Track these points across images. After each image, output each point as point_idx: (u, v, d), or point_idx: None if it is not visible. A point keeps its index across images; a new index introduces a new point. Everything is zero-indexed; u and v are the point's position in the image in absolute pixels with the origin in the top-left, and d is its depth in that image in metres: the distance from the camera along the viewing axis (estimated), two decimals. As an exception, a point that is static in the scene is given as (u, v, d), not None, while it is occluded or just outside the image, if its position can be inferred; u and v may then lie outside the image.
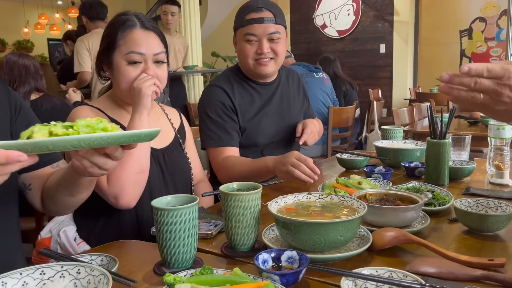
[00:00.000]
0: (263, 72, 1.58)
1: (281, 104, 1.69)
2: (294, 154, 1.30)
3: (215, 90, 1.59)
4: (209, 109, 1.56)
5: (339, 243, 0.81)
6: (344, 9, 6.91)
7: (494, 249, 0.88)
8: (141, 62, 1.19)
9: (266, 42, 1.52)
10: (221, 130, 1.53)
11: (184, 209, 0.79)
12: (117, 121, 1.21)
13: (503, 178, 1.34)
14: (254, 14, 1.51)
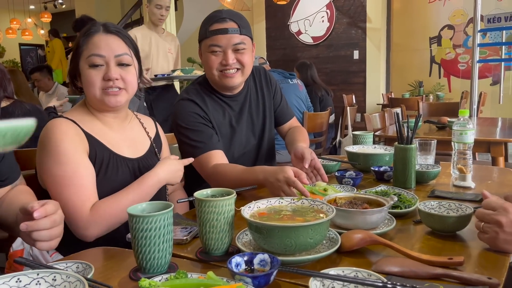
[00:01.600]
0: (229, 84, 1.56)
1: (251, 113, 1.68)
2: (284, 175, 1.21)
3: (187, 104, 1.56)
4: (184, 122, 1.53)
5: (309, 246, 0.85)
6: (319, 16, 7.04)
7: (454, 248, 0.93)
8: (103, 64, 1.19)
9: (231, 53, 1.50)
10: (203, 137, 1.51)
11: (159, 216, 0.81)
12: (90, 135, 1.20)
13: (466, 181, 1.41)
14: (218, 25, 1.49)
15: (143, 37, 3.46)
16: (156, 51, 3.57)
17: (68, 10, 10.17)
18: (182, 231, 1.05)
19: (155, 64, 3.55)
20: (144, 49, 3.43)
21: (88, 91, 1.20)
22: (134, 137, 1.32)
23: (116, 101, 1.20)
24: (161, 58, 3.61)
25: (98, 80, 1.18)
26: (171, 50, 3.73)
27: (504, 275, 0.80)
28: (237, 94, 1.64)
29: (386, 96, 6.20)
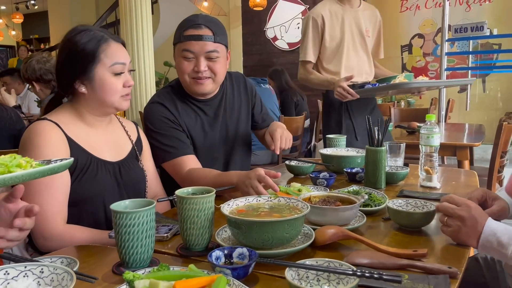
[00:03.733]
0: (200, 91, 1.56)
1: (226, 119, 1.68)
2: (254, 174, 1.24)
3: (157, 107, 1.56)
4: (155, 126, 1.54)
5: (285, 240, 0.90)
6: (294, 22, 7.16)
7: (419, 242, 1.00)
8: (123, 72, 1.26)
9: (203, 60, 1.50)
10: (174, 141, 1.52)
11: (141, 212, 0.85)
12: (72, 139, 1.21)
13: (432, 181, 1.49)
14: (192, 30, 1.48)
15: (332, 16, 2.33)
16: (351, 38, 2.35)
17: (40, 11, 9.97)
18: (163, 229, 1.08)
19: (347, 59, 2.34)
20: (335, 36, 2.33)
21: (107, 97, 1.25)
22: (116, 140, 1.35)
23: (127, 105, 1.30)
24: (356, 48, 2.38)
25: (120, 87, 1.26)
26: (369, 31, 2.42)
27: (463, 265, 0.87)
28: (211, 99, 1.64)
29: (360, 102, 6.34)
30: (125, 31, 4.57)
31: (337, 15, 2.33)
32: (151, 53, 4.65)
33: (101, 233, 1.16)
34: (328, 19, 2.32)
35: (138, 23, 4.53)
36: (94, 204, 1.23)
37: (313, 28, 2.33)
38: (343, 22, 2.32)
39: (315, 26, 2.33)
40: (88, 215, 1.23)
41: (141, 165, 1.40)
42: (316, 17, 2.32)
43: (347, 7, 2.35)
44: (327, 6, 2.35)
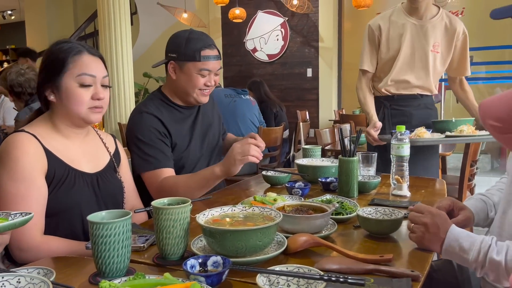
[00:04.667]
0: (203, 101, 1.73)
1: (203, 123, 1.82)
2: (235, 145, 1.46)
3: (147, 117, 1.64)
4: (141, 135, 1.60)
5: (258, 248, 0.93)
6: (273, 34, 7.27)
7: (386, 248, 1.05)
8: (92, 84, 1.26)
9: (213, 76, 1.70)
10: (157, 153, 1.59)
11: (118, 223, 0.87)
12: (50, 151, 1.23)
13: (402, 190, 1.56)
14: (209, 51, 1.65)
15: (392, 27, 2.22)
16: (410, 52, 2.22)
17: (17, 22, 9.84)
18: (140, 239, 1.10)
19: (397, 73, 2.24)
20: (391, 49, 2.23)
21: (73, 108, 1.24)
22: (94, 152, 1.36)
23: (98, 118, 1.29)
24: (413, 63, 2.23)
25: (87, 99, 1.25)
26: (438, 46, 2.21)
27: (426, 269, 0.92)
28: (192, 107, 1.78)
29: (338, 113, 6.47)
30: (104, 42, 4.58)
31: (398, 27, 2.22)
32: (130, 64, 4.67)
33: (78, 244, 1.17)
34: (385, 31, 2.23)
35: (117, 34, 4.54)
36: (71, 215, 1.24)
37: (369, 37, 2.30)
38: (403, 35, 2.20)
39: (371, 35, 2.28)
40: (65, 226, 1.24)
41: (119, 177, 1.42)
42: (373, 26, 2.27)
43: (414, 19, 2.21)
44: (391, 16, 2.25)
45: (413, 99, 2.29)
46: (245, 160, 1.43)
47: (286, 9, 6.83)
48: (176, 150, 1.69)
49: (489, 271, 0.91)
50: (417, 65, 2.25)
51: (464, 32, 2.25)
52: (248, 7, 7.04)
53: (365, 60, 2.30)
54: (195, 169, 1.72)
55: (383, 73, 2.31)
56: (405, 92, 2.28)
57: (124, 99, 4.54)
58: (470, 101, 2.33)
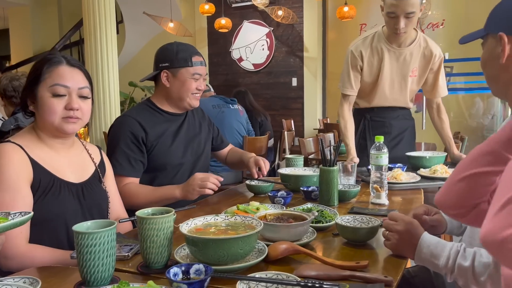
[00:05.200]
0: (195, 105, 1.84)
1: (188, 132, 1.89)
2: (195, 176, 1.60)
3: (129, 121, 1.74)
4: (118, 138, 1.71)
5: (240, 256, 0.97)
6: (259, 44, 7.35)
7: (363, 255, 1.09)
8: (66, 95, 1.27)
9: (203, 81, 1.83)
10: (124, 160, 1.69)
11: (103, 232, 0.90)
12: (36, 161, 1.25)
13: (381, 198, 1.61)
14: (197, 57, 1.80)
15: (372, 53, 2.30)
16: (389, 77, 2.31)
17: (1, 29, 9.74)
18: (125, 248, 1.12)
19: (379, 97, 2.35)
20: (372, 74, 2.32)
21: (47, 117, 1.26)
22: (79, 162, 1.38)
23: (73, 128, 1.29)
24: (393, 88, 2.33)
25: (60, 109, 1.26)
26: (416, 70, 2.32)
27: (399, 274, 0.97)
28: (180, 114, 1.88)
29: (322, 121, 6.55)
30: (89, 51, 4.58)
31: (378, 53, 2.27)
32: (115, 72, 4.67)
33: (63, 253, 1.19)
34: (366, 57, 2.28)
35: (103, 42, 4.55)
36: (56, 225, 1.26)
37: (351, 63, 2.32)
38: (383, 61, 2.26)
39: (353, 61, 2.32)
40: (50, 235, 1.25)
41: (104, 187, 1.44)
42: (355, 52, 2.30)
43: (393, 46, 2.25)
44: (372, 42, 2.29)
45: (392, 110, 2.37)
46: (202, 192, 1.58)
47: (272, 20, 6.92)
48: (157, 151, 1.76)
49: (458, 276, 0.96)
50: (396, 90, 2.33)
51: (440, 56, 2.31)
52: (233, 17, 7.12)
53: (348, 86, 2.34)
54: (177, 174, 1.80)
55: (364, 94, 2.38)
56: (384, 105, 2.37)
57: (110, 108, 4.54)
58: (445, 131, 2.39)
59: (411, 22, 2.09)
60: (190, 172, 1.83)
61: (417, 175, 1.96)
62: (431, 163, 2.06)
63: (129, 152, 1.70)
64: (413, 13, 2.05)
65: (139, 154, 1.72)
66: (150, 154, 1.75)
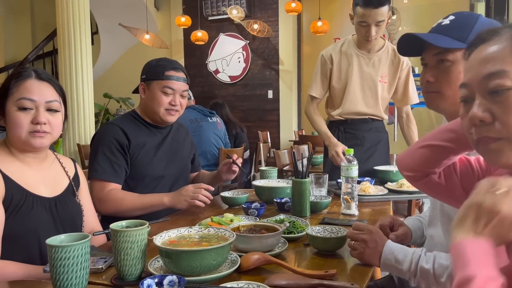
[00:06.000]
0: (169, 121, 1.84)
1: (171, 146, 1.90)
2: (188, 188, 1.64)
3: (113, 128, 1.77)
4: (102, 143, 1.72)
5: (212, 267, 0.99)
6: (235, 56, 7.42)
7: (332, 264, 1.14)
8: (32, 108, 1.26)
9: (178, 97, 1.81)
10: (108, 165, 1.70)
11: (76, 245, 0.91)
12: (7, 176, 1.24)
13: (351, 209, 1.66)
14: (173, 72, 1.79)
15: (342, 57, 2.41)
16: (359, 82, 2.40)
17: (-29, 38, 9.50)
18: (98, 261, 1.13)
19: (350, 102, 2.41)
20: (342, 78, 2.41)
21: (14, 132, 1.26)
22: (52, 176, 1.38)
23: (41, 143, 1.27)
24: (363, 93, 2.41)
25: (26, 123, 1.25)
26: (385, 76, 2.41)
27: (366, 282, 1.01)
28: (164, 127, 1.90)
29: (298, 133, 6.64)
30: (63, 61, 4.52)
31: (348, 58, 2.38)
32: (90, 84, 4.63)
33: (36, 268, 1.18)
34: (336, 61, 2.39)
35: (77, 53, 4.50)
36: (28, 240, 1.25)
37: (321, 66, 2.44)
38: (352, 66, 2.36)
39: (324, 65, 2.43)
40: (22, 250, 1.24)
41: (78, 201, 1.44)
42: (326, 56, 2.42)
43: (362, 52, 2.37)
44: (342, 47, 2.41)
45: (365, 123, 2.44)
46: (192, 203, 1.62)
47: (248, 33, 7.02)
48: (138, 161, 1.77)
49: (420, 279, 1.01)
50: (367, 94, 2.41)
51: (407, 64, 2.43)
52: (210, 30, 7.18)
53: (315, 87, 2.47)
54: (157, 186, 1.80)
55: (336, 101, 2.46)
56: (357, 117, 2.44)
57: (84, 119, 4.48)
58: (414, 141, 2.50)
59: (381, 29, 2.25)
60: (171, 185, 1.84)
61: (384, 189, 2.03)
62: (398, 177, 2.13)
63: (112, 158, 1.71)
64: (383, 21, 2.21)
65: (123, 161, 1.73)
66: (132, 164, 1.76)
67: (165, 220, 1.46)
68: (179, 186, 1.86)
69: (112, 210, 1.63)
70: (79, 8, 4.48)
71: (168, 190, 1.80)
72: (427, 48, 1.16)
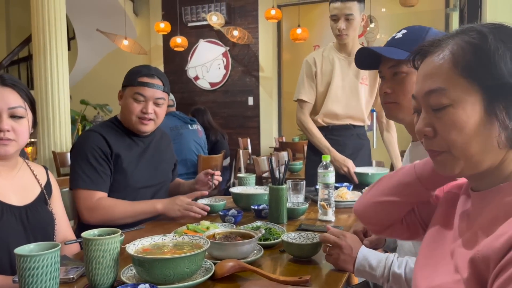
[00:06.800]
0: (142, 130, 1.78)
1: (153, 156, 1.87)
2: (183, 199, 1.66)
3: (94, 136, 1.71)
4: (84, 152, 1.67)
5: (186, 275, 0.99)
6: (215, 63, 7.42)
7: (307, 270, 1.14)
8: None
9: (151, 105, 1.74)
10: (94, 173, 1.65)
11: (45, 255, 0.89)
12: None
13: (327, 215, 1.67)
14: (147, 78, 1.73)
15: (324, 60, 2.47)
16: (341, 84, 2.45)
17: None
18: (70, 271, 1.11)
19: (332, 103, 2.44)
20: (324, 80, 2.45)
21: None
22: (23, 184, 1.35)
23: (5, 150, 1.24)
24: (345, 94, 2.45)
25: None
26: (366, 79, 2.48)
27: (339, 287, 1.02)
28: (146, 136, 1.86)
29: (278, 140, 6.67)
30: (38, 67, 4.44)
31: (330, 61, 2.44)
32: (66, 90, 4.54)
33: (5, 278, 1.15)
34: (319, 65, 2.45)
35: (53, 59, 4.42)
36: None
37: (306, 70, 2.48)
38: (334, 69, 2.42)
39: (308, 69, 2.47)
40: (-9, 261, 1.21)
41: (50, 209, 1.41)
42: (309, 60, 2.48)
43: (343, 55, 2.45)
44: (323, 52, 2.48)
45: (346, 129, 2.48)
46: (186, 214, 1.63)
47: (228, 39, 7.03)
48: (120, 171, 1.72)
49: (393, 284, 1.03)
50: (348, 95, 2.45)
51: None
52: (190, 36, 7.16)
53: (303, 91, 2.47)
54: (137, 197, 1.75)
55: (319, 106, 2.49)
56: (338, 122, 2.47)
57: (59, 126, 4.38)
58: (392, 146, 2.55)
59: (352, 25, 2.34)
60: (151, 196, 1.81)
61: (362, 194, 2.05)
62: (374, 180, 2.16)
63: (98, 166, 1.66)
64: (352, 16, 2.31)
65: (108, 169, 1.69)
66: (113, 173, 1.72)
67: (140, 228, 1.44)
68: (160, 197, 1.83)
69: (103, 219, 1.59)
70: (55, 13, 4.40)
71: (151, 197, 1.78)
72: (383, 61, 1.22)
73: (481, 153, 0.68)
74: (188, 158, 3.61)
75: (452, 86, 0.69)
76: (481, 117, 0.67)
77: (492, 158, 0.69)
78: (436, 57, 0.73)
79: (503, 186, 0.68)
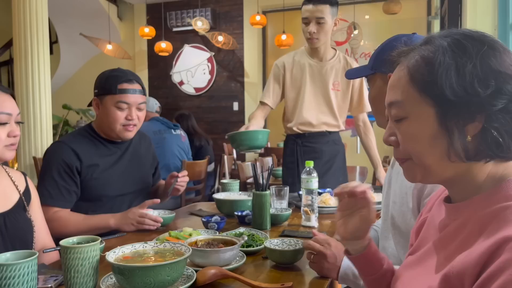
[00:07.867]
0: (127, 137, 1.76)
1: (131, 162, 1.83)
2: (135, 211, 1.59)
3: (63, 148, 1.66)
4: (50, 166, 1.64)
5: (167, 283, 0.97)
6: (200, 68, 7.40)
7: (289, 277, 1.14)
8: (8, 122, 1.25)
9: (135, 110, 1.72)
10: (54, 189, 1.62)
11: (22, 264, 0.87)
12: None
13: (311, 221, 1.68)
14: (126, 84, 1.69)
15: (294, 65, 2.47)
16: (312, 90, 2.45)
17: None
18: (48, 280, 1.08)
19: (305, 110, 2.44)
20: (295, 86, 2.47)
21: None
22: (1, 191, 1.32)
23: (12, 155, 1.27)
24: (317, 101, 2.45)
25: (3, 137, 1.24)
26: (338, 84, 2.48)
27: (322, 294, 1.02)
28: (121, 142, 1.81)
29: (263, 145, 6.66)
30: (19, 71, 4.36)
31: (301, 66, 2.43)
32: (48, 95, 4.46)
33: None
34: (289, 69, 2.44)
35: (34, 63, 4.34)
36: None
37: (274, 75, 2.49)
38: (305, 75, 2.42)
39: (277, 73, 2.47)
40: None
41: (29, 216, 1.38)
42: (279, 64, 2.48)
43: (314, 61, 2.44)
44: (295, 56, 2.47)
45: (322, 136, 2.48)
46: (140, 227, 1.59)
47: (213, 45, 7.02)
48: (94, 181, 1.69)
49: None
50: (320, 102, 2.45)
51: None
52: (174, 41, 7.13)
53: (267, 95, 2.48)
54: (114, 206, 1.72)
55: (292, 112, 2.49)
56: (313, 130, 2.47)
57: (41, 132, 4.30)
58: (373, 151, 2.57)
59: (323, 29, 2.33)
60: (130, 203, 1.78)
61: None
62: None
63: (60, 181, 1.63)
64: (323, 19, 2.30)
65: (72, 184, 1.65)
66: (86, 185, 1.68)
67: (121, 235, 1.42)
68: (139, 203, 1.79)
69: (57, 231, 1.54)
70: (36, 16, 4.33)
71: (127, 208, 1.73)
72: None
73: (438, 164, 0.69)
74: (171, 162, 3.59)
75: (408, 100, 0.70)
76: (435, 131, 0.68)
77: (453, 170, 0.69)
78: (399, 69, 0.74)
79: (475, 199, 0.68)
